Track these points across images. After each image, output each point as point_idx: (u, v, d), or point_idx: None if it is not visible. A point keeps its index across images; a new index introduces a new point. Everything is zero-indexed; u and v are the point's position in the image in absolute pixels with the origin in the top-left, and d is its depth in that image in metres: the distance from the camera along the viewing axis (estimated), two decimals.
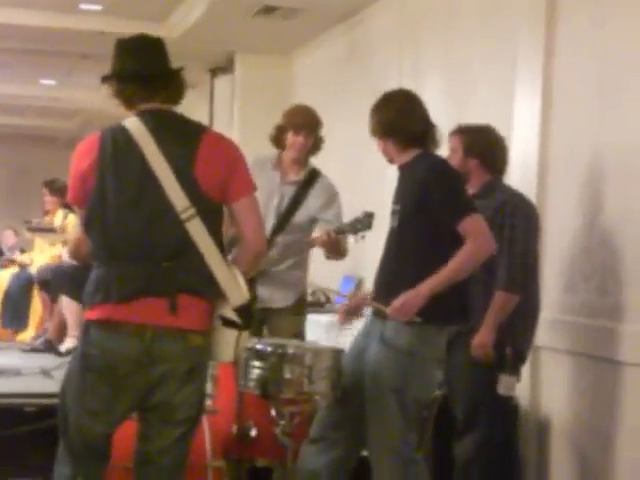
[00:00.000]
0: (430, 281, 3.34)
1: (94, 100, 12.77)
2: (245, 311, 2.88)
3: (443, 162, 3.59)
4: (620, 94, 4.16)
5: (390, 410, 3.41)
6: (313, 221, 4.41)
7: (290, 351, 3.40)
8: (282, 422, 3.46)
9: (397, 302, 3.36)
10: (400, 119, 3.56)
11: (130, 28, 8.51)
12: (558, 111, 4.60)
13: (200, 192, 2.84)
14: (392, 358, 3.41)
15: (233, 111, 9.19)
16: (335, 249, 4.21)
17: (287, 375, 3.37)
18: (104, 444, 2.94)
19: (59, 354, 6.36)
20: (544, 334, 4.30)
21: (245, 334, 2.93)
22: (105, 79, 2.99)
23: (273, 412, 3.48)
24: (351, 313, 3.79)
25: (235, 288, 2.88)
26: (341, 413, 3.52)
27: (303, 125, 4.41)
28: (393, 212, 3.57)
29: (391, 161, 3.67)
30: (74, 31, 8.80)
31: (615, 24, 4.21)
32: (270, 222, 4.30)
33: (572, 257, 4.44)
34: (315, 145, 4.51)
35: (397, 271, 3.50)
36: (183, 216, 2.81)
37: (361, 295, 3.98)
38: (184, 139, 2.89)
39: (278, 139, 4.49)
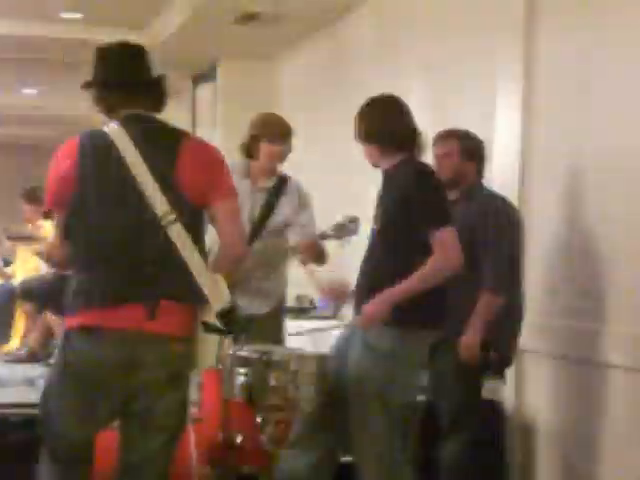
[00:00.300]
0: (394, 290, 3.38)
1: (76, 108, 12.73)
2: (227, 316, 2.88)
3: (427, 169, 3.60)
4: (601, 97, 4.18)
5: (374, 414, 3.41)
6: (287, 226, 4.38)
7: (275, 357, 3.40)
8: (267, 428, 3.46)
9: (365, 309, 3.40)
10: (385, 124, 3.58)
11: (111, 36, 8.50)
12: (539, 115, 4.63)
13: (181, 197, 2.83)
14: (375, 362, 3.42)
15: (215, 119, 9.19)
16: (318, 255, 4.21)
17: (272, 382, 3.37)
18: (86, 449, 2.93)
19: (48, 364, 6.33)
20: (527, 337, 4.31)
21: (228, 340, 2.93)
22: (86, 85, 2.98)
23: (258, 419, 3.48)
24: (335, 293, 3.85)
25: (217, 293, 2.86)
26: (322, 416, 3.52)
27: (281, 135, 4.39)
28: (375, 215, 3.59)
29: (375, 165, 3.68)
30: (55, 39, 8.79)
31: (594, 27, 4.23)
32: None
33: (553, 260, 4.46)
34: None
35: (372, 273, 3.53)
36: (164, 221, 2.81)
37: (341, 286, 3.98)
38: (165, 144, 2.89)
39: (250, 149, 4.45)
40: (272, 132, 4.38)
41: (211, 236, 3.10)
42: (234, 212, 2.95)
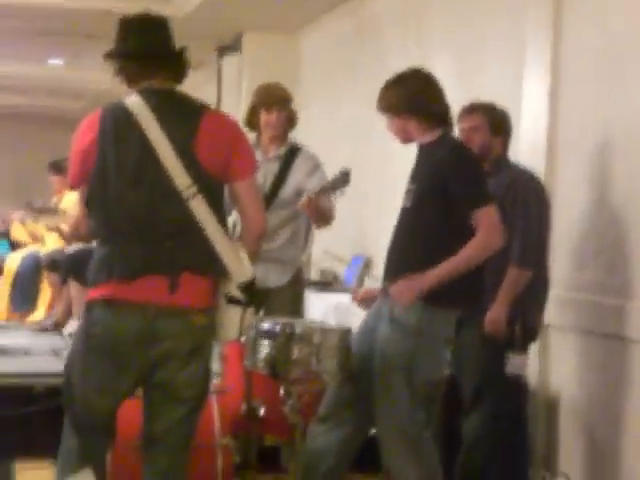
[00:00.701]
0: (437, 270, 3.35)
1: (101, 80, 12.72)
2: (249, 288, 2.88)
3: (466, 147, 3.57)
4: (628, 71, 4.13)
5: (398, 389, 3.41)
6: (299, 194, 4.34)
7: (298, 330, 3.40)
8: (290, 401, 3.46)
9: (401, 285, 3.36)
10: (426, 96, 3.53)
11: (137, 8, 8.49)
12: (567, 89, 4.58)
13: (201, 170, 2.84)
14: (401, 337, 3.41)
15: (241, 90, 9.17)
16: (318, 212, 4.18)
17: (295, 354, 3.37)
18: (109, 420, 2.96)
19: (62, 337, 6.39)
20: (553, 312, 4.29)
21: (250, 311, 2.93)
22: (107, 56, 2.98)
23: (281, 391, 3.48)
24: (365, 303, 3.78)
25: (238, 265, 2.87)
26: (350, 392, 3.53)
27: (274, 102, 4.40)
28: (408, 191, 3.54)
29: (406, 140, 3.61)
30: (81, 10, 8.77)
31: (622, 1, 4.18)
32: None
33: (581, 235, 4.43)
34: (290, 120, 4.49)
35: (406, 251, 3.49)
36: (185, 194, 2.81)
37: (370, 289, 3.97)
38: (185, 117, 2.89)
39: (251, 121, 4.48)
40: (266, 100, 4.42)
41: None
42: (255, 189, 2.98)
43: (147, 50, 2.93)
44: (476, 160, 3.55)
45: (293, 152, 4.43)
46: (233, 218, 3.66)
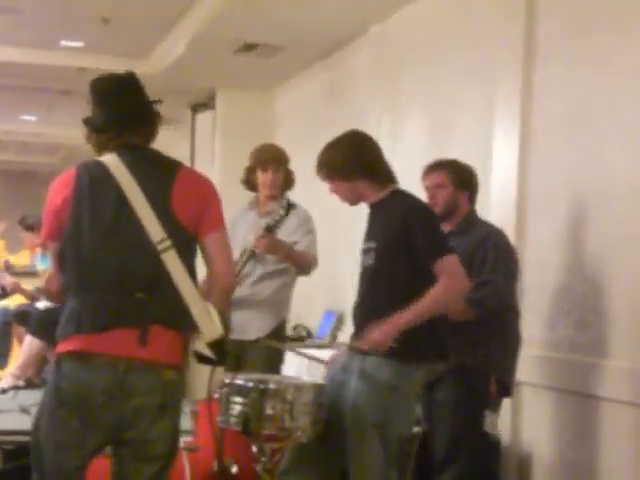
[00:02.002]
0: (404, 313, 3.35)
1: (75, 136, 12.76)
2: (219, 346, 2.87)
3: (420, 201, 3.60)
4: (597, 132, 4.21)
5: (372, 445, 3.39)
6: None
7: (271, 387, 3.38)
8: (263, 459, 3.44)
9: (371, 335, 3.37)
10: (373, 157, 3.57)
11: (111, 64, 8.59)
12: (536, 149, 4.65)
13: (176, 224, 2.85)
14: (374, 393, 3.40)
15: (214, 147, 9.22)
16: (271, 247, 4.21)
17: (268, 411, 3.35)
18: (78, 478, 2.89)
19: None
20: (525, 370, 4.30)
21: (219, 370, 2.92)
22: (86, 122, 3.01)
23: (254, 448, 3.46)
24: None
25: (209, 322, 2.86)
26: (315, 446, 3.49)
27: (270, 161, 4.47)
28: (367, 250, 3.55)
29: (356, 202, 3.63)
30: (55, 67, 8.83)
31: (592, 63, 4.27)
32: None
33: (552, 293, 4.46)
34: (287, 180, 4.54)
35: (375, 309, 3.48)
36: (159, 247, 2.81)
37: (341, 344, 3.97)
38: (160, 173, 2.91)
39: (249, 181, 4.57)
40: (262, 160, 4.49)
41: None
42: (224, 243, 2.97)
43: (119, 118, 2.95)
44: (432, 211, 3.57)
45: (288, 208, 4.48)
46: None
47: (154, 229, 2.81)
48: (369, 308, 3.52)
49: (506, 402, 4.59)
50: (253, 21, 6.83)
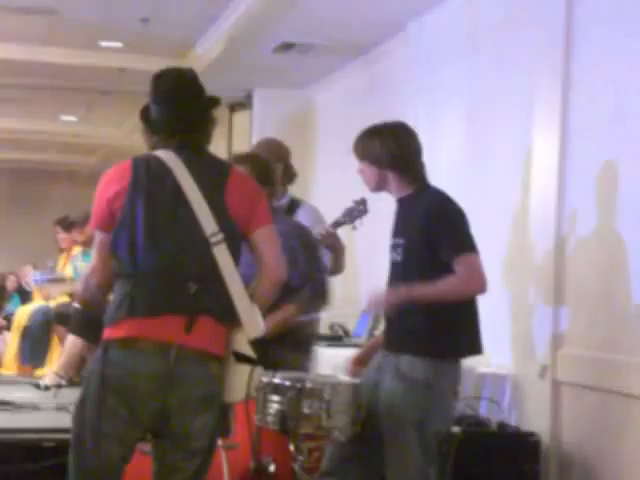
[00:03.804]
0: (417, 289, 3.36)
1: (114, 136, 12.88)
2: (260, 345, 2.88)
3: (448, 197, 3.58)
4: (639, 124, 4.14)
5: (410, 444, 3.38)
6: None
7: (308, 385, 3.37)
8: (300, 457, 3.42)
9: (374, 293, 3.41)
10: (412, 154, 3.56)
11: (150, 65, 8.65)
12: (578, 141, 4.59)
13: (229, 219, 2.91)
14: (410, 391, 3.39)
15: (251, 146, 9.23)
16: (336, 246, 4.19)
17: (305, 410, 3.34)
18: (120, 468, 2.90)
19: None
20: (566, 369, 4.26)
21: (258, 370, 2.93)
22: (142, 116, 3.04)
23: (291, 447, 3.45)
24: (362, 362, 3.75)
25: (253, 319, 2.89)
26: (353, 447, 3.48)
27: (272, 157, 4.37)
28: (395, 245, 3.54)
29: (378, 190, 3.61)
30: (94, 67, 8.91)
31: (632, 53, 4.21)
32: None
33: (593, 291, 4.41)
34: (286, 174, 4.50)
35: (405, 307, 3.48)
36: (212, 240, 2.87)
37: (372, 343, 3.94)
38: (215, 170, 2.99)
39: None
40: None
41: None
42: (273, 237, 3.02)
43: (179, 123, 2.99)
44: (458, 208, 3.54)
45: (293, 205, 4.45)
46: None
47: (208, 223, 2.88)
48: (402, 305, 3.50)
49: (546, 401, 4.56)
50: (291, 20, 6.83)
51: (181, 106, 3.00)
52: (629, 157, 4.21)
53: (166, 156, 2.94)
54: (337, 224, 4.11)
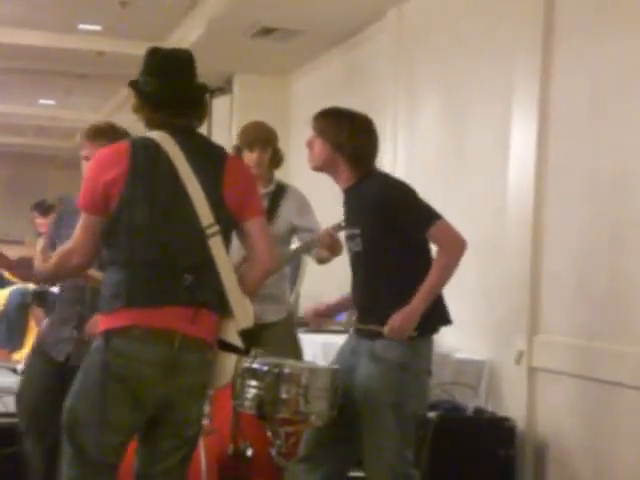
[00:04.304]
0: (419, 296, 3.35)
1: (93, 120, 12.79)
2: (249, 335, 2.90)
3: (392, 177, 3.58)
4: (619, 112, 4.17)
5: (388, 426, 3.39)
6: (292, 231, 4.37)
7: (286, 370, 3.39)
8: (278, 442, 3.44)
9: (394, 322, 3.36)
10: (370, 151, 3.53)
11: (129, 48, 8.62)
12: (555, 131, 4.61)
13: (225, 209, 2.90)
14: (387, 373, 3.41)
15: (231, 132, 9.22)
16: (337, 247, 4.19)
17: (283, 395, 3.35)
18: (122, 456, 2.87)
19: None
20: (542, 356, 4.29)
21: (242, 359, 2.95)
22: (133, 86, 2.97)
23: (269, 432, 3.47)
24: (324, 315, 3.82)
25: (244, 310, 2.91)
26: (328, 431, 3.50)
27: (255, 141, 4.37)
28: (352, 236, 3.52)
29: (320, 169, 3.56)
30: (73, 51, 8.85)
31: (612, 44, 4.23)
32: None
33: (570, 279, 4.44)
34: (274, 159, 4.48)
35: (377, 291, 3.49)
36: (208, 232, 2.86)
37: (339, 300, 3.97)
38: (212, 159, 2.95)
39: None
40: (248, 140, 4.40)
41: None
42: (266, 227, 3.05)
43: (179, 95, 2.94)
44: (406, 184, 3.53)
45: (280, 190, 4.44)
46: None
47: (205, 214, 2.86)
48: (370, 292, 3.52)
49: (522, 387, 4.60)
50: (270, 5, 6.81)
51: (184, 82, 2.95)
52: (607, 148, 4.23)
53: (162, 140, 2.89)
54: (337, 229, 4.10)
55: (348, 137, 3.49)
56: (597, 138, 4.30)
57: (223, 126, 9.50)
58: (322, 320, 3.87)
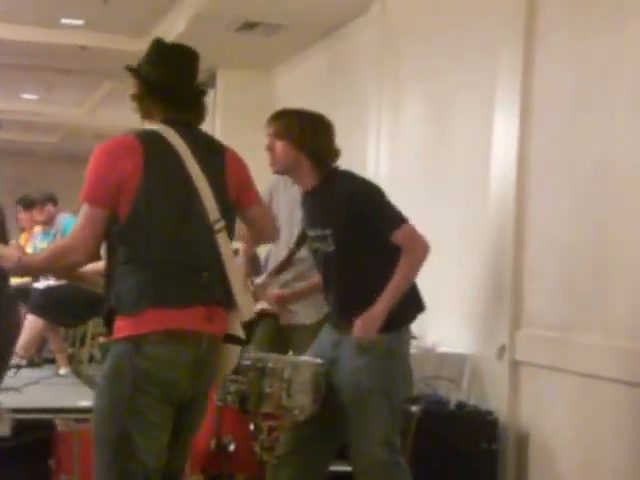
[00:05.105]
0: (383, 299, 3.38)
1: (75, 115, 12.75)
2: (249, 327, 2.93)
3: (360, 177, 3.58)
4: (601, 106, 4.18)
5: (380, 413, 3.41)
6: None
7: (269, 365, 3.39)
8: (261, 437, 3.45)
9: (358, 325, 3.39)
10: (331, 150, 3.54)
11: (112, 43, 8.58)
12: (538, 126, 4.62)
13: (228, 202, 2.91)
14: (373, 362, 3.42)
15: (215, 127, 9.20)
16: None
17: (266, 389, 3.36)
18: (164, 458, 2.81)
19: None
20: (525, 349, 4.30)
21: (237, 349, 2.97)
22: (134, 73, 2.93)
23: (251, 426, 3.47)
24: (286, 302, 4.06)
25: (248, 302, 2.94)
26: (310, 426, 3.50)
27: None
28: (321, 237, 3.50)
29: (282, 172, 3.56)
30: (56, 46, 8.80)
31: (593, 38, 4.24)
32: (295, 235, 4.21)
33: (552, 272, 4.46)
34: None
35: (349, 291, 3.50)
36: (216, 227, 2.84)
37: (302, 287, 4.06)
38: (213, 153, 2.95)
39: None
40: None
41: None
42: (267, 210, 3.37)
43: (181, 87, 2.92)
44: (375, 185, 3.55)
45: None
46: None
47: (212, 209, 2.84)
48: (343, 293, 3.53)
49: (504, 381, 4.62)
50: None
51: (184, 72, 2.94)
52: (589, 140, 4.25)
53: (171, 137, 2.84)
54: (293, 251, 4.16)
55: (312, 136, 3.50)
56: (579, 131, 4.32)
57: (206, 122, 9.46)
58: (284, 306, 4.08)
